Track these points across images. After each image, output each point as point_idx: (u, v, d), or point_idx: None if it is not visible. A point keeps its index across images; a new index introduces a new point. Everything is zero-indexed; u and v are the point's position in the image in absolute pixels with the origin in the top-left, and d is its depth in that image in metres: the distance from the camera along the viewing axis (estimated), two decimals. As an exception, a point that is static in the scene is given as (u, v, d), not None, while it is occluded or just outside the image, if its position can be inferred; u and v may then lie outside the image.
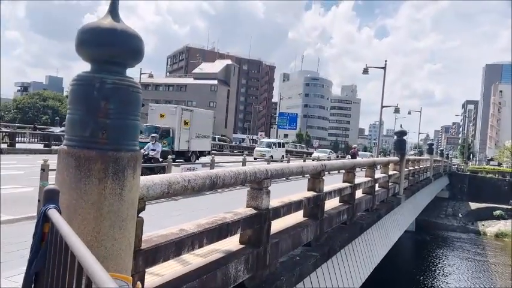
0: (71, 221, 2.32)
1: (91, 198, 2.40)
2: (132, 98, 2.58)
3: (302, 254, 5.83)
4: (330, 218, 7.00)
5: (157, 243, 2.99)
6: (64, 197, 2.37)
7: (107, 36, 2.47)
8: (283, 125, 75.24)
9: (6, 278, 4.44)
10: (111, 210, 2.43)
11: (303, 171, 5.91)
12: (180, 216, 7.59)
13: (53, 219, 1.91)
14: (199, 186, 3.48)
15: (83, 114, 2.47)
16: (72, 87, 2.54)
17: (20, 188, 10.22)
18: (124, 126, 2.53)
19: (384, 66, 31.91)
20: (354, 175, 8.53)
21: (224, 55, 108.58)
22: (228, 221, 3.92)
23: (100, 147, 2.45)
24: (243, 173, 4.13)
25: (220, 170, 3.88)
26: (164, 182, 3.06)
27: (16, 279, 4.28)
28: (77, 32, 2.52)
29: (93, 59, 2.55)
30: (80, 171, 2.42)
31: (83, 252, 1.42)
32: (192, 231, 3.39)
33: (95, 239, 2.41)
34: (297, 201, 5.55)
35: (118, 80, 2.49)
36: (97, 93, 2.45)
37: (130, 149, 2.57)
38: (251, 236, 4.49)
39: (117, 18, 2.55)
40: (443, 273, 24.50)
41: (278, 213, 4.96)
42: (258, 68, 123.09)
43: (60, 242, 1.75)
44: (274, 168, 4.76)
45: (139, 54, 2.62)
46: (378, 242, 11.03)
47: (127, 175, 2.52)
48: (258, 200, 4.51)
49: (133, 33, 2.55)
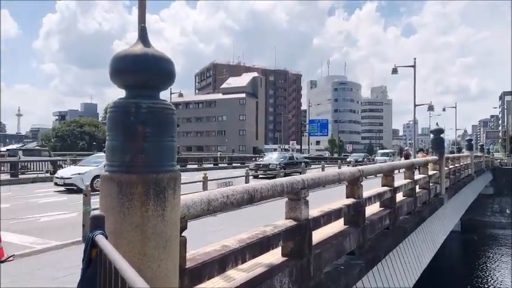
0: (117, 245, 2.37)
1: (135, 221, 2.45)
2: (168, 120, 2.63)
3: (346, 263, 5.71)
4: (371, 224, 6.84)
5: (201, 261, 3.00)
6: (109, 221, 2.43)
7: (139, 62, 2.54)
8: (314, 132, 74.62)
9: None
10: (154, 231, 2.46)
11: (340, 178, 5.82)
12: (221, 232, 7.63)
13: (100, 245, 1.95)
14: (237, 201, 3.49)
15: (121, 139, 2.53)
16: (110, 114, 2.62)
17: (65, 214, 10.58)
18: (161, 148, 2.58)
19: (414, 65, 31.26)
20: (393, 178, 8.33)
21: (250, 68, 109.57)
22: (268, 234, 3.90)
23: (140, 170, 2.50)
24: (279, 185, 4.10)
25: (257, 183, 3.87)
26: (203, 199, 3.09)
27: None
28: (110, 60, 2.61)
29: (128, 85, 2.62)
30: (123, 195, 2.47)
31: (132, 277, 1.45)
32: (234, 247, 3.38)
33: (141, 261, 2.44)
34: (337, 209, 5.46)
35: (153, 104, 2.55)
36: (133, 118, 2.51)
37: (169, 169, 2.61)
38: (293, 248, 4.44)
39: (148, 44, 2.62)
40: (497, 274, 23.37)
41: (318, 223, 4.90)
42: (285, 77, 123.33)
43: (109, 267, 1.79)
44: (310, 178, 4.71)
45: (171, 77, 2.67)
46: (423, 245, 10.68)
47: (168, 196, 2.55)
48: (297, 211, 4.47)
49: (164, 57, 2.61)
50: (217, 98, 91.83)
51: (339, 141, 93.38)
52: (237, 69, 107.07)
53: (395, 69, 32.52)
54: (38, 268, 5.58)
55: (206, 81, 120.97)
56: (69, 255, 6.23)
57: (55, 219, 10.00)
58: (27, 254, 6.37)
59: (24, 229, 8.53)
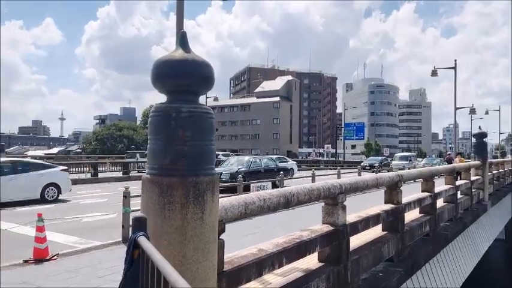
0: (158, 246, 2.41)
1: (175, 223, 2.49)
2: (207, 124, 2.67)
3: (385, 269, 5.57)
4: (411, 231, 6.65)
5: (239, 265, 3.02)
6: (150, 223, 2.48)
7: (179, 67, 2.59)
8: (349, 136, 73.55)
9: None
10: (194, 234, 2.50)
11: (378, 183, 5.70)
12: (256, 235, 7.64)
13: (143, 246, 2.00)
14: (274, 205, 3.49)
15: (162, 143, 2.59)
16: (151, 119, 2.68)
17: (105, 215, 10.92)
18: (201, 151, 2.61)
19: (454, 66, 30.21)
20: (433, 184, 8.07)
21: (284, 71, 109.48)
22: (305, 239, 3.87)
23: (180, 173, 2.54)
24: (316, 189, 4.07)
25: (294, 187, 3.86)
26: (241, 203, 3.10)
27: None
28: (152, 66, 2.68)
29: (168, 90, 2.68)
30: (163, 197, 2.52)
31: (176, 278, 1.47)
32: (271, 251, 3.38)
33: (181, 263, 2.48)
34: (375, 215, 5.35)
35: (193, 108, 2.59)
36: (174, 122, 2.56)
37: (208, 173, 2.64)
38: (330, 254, 4.39)
39: (188, 49, 2.67)
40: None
41: (356, 229, 4.81)
42: (320, 80, 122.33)
43: (151, 268, 1.83)
44: (348, 183, 4.64)
45: (210, 81, 2.71)
46: (465, 254, 10.27)
47: (207, 199, 2.58)
48: (334, 216, 4.41)
49: (203, 62, 2.65)
50: (252, 101, 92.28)
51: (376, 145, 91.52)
52: (272, 73, 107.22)
53: (434, 71, 31.53)
54: (80, 267, 5.78)
55: (241, 85, 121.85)
56: (109, 255, 6.42)
57: (96, 220, 10.35)
58: (70, 253, 6.61)
59: (67, 229, 8.87)
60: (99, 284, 5.05)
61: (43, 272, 5.57)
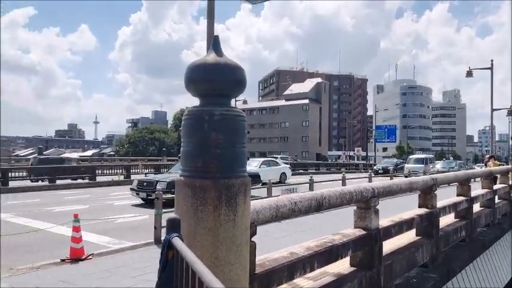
0: (191, 248, 2.44)
1: (207, 225, 2.52)
2: (239, 127, 2.69)
3: (419, 275, 5.43)
4: (446, 236, 6.46)
5: (270, 268, 3.01)
6: (184, 224, 2.51)
7: (212, 71, 2.62)
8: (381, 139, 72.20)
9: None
10: (226, 236, 2.52)
11: (412, 187, 5.57)
12: (286, 238, 7.62)
13: (177, 247, 2.03)
14: (305, 208, 3.47)
15: (195, 146, 2.63)
16: (184, 122, 2.73)
17: (137, 216, 11.16)
18: (233, 154, 2.64)
19: (491, 67, 29.22)
20: (469, 188, 7.82)
21: (313, 74, 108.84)
22: (337, 244, 3.83)
23: (213, 175, 2.57)
24: (348, 193, 4.02)
25: (325, 190, 3.82)
26: (272, 205, 3.10)
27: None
28: (185, 70, 2.72)
29: (201, 94, 2.72)
30: (196, 199, 2.55)
31: (211, 279, 1.49)
32: (302, 255, 3.36)
33: (214, 264, 2.50)
34: (408, 219, 5.24)
35: (225, 111, 2.62)
36: (207, 125, 2.59)
37: (240, 175, 2.66)
38: (362, 258, 4.32)
39: (220, 53, 2.70)
40: None
41: (389, 233, 4.72)
42: (350, 82, 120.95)
43: (186, 269, 1.85)
44: (381, 186, 4.56)
45: (242, 84, 2.73)
46: (503, 261, 9.87)
47: (239, 201, 2.60)
48: (367, 220, 4.34)
49: (236, 66, 2.67)
50: (280, 104, 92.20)
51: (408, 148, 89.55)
52: (300, 75, 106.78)
53: (470, 72, 30.59)
54: (115, 267, 5.92)
55: (269, 88, 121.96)
56: (142, 256, 6.55)
57: (129, 221, 10.58)
58: (104, 253, 6.79)
59: (101, 230, 9.11)
60: (133, 283, 5.16)
61: (79, 271, 5.74)
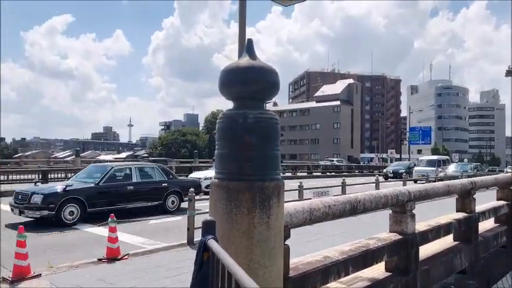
0: (226, 250, 2.46)
1: (242, 228, 2.53)
2: (272, 129, 2.69)
3: (457, 282, 5.27)
4: (485, 242, 6.23)
5: (304, 271, 3.00)
6: (218, 226, 2.53)
7: (245, 74, 2.64)
8: (415, 140, 70.38)
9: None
10: (260, 238, 2.52)
11: (450, 191, 5.41)
12: (318, 241, 7.54)
13: (213, 249, 2.05)
14: (339, 212, 3.43)
15: (229, 148, 2.65)
16: (218, 125, 2.76)
17: (170, 218, 11.35)
18: (267, 157, 2.64)
19: (532, 65, 27.96)
20: (511, 191, 7.51)
21: (345, 75, 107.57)
22: (372, 248, 3.76)
23: (247, 178, 2.59)
24: (383, 196, 3.94)
25: (360, 194, 3.77)
26: (306, 209, 3.09)
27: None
28: (219, 74, 2.75)
29: (235, 97, 2.74)
30: (231, 202, 2.58)
31: (247, 282, 1.49)
32: (336, 259, 3.32)
33: (248, 267, 2.51)
34: (446, 224, 5.08)
35: (259, 114, 2.63)
36: (241, 129, 2.61)
37: (274, 178, 2.66)
38: (398, 263, 4.23)
39: (254, 56, 2.72)
40: None
41: (426, 238, 4.60)
42: (382, 83, 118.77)
43: (221, 271, 1.87)
44: (417, 190, 4.45)
45: (276, 87, 2.74)
46: (549, 269, 9.41)
47: (272, 204, 2.60)
48: (402, 224, 4.25)
49: (269, 69, 2.68)
50: (311, 106, 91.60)
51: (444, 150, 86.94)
52: (331, 77, 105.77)
53: (510, 71, 29.42)
54: (149, 267, 6.04)
55: (300, 89, 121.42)
56: (176, 257, 6.65)
57: (162, 222, 10.77)
58: (139, 253, 6.93)
59: (136, 230, 9.32)
60: (168, 284, 5.25)
61: (115, 270, 5.89)
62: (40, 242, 7.57)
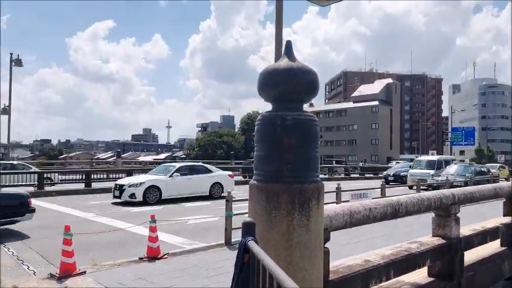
0: (265, 251, 2.47)
1: (281, 230, 2.52)
2: (311, 131, 2.67)
3: (505, 290, 5.03)
4: (536, 248, 5.90)
5: (344, 275, 2.95)
6: (257, 228, 2.55)
7: (284, 76, 2.64)
8: (457, 141, 67.86)
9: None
10: (300, 241, 2.51)
11: (497, 194, 5.17)
12: (356, 245, 7.42)
13: (253, 251, 2.06)
14: (380, 215, 3.36)
15: (268, 150, 2.66)
16: (257, 127, 2.77)
17: (208, 218, 11.50)
18: (306, 158, 2.62)
19: None
20: None
21: (383, 74, 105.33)
22: (414, 252, 3.66)
23: (286, 180, 2.58)
24: (426, 199, 3.83)
25: (402, 196, 3.67)
26: (346, 211, 3.04)
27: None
28: (258, 75, 2.76)
29: (274, 99, 2.74)
30: (269, 204, 2.58)
31: (289, 283, 1.48)
32: (377, 263, 3.26)
33: (287, 269, 2.50)
34: (492, 228, 4.87)
35: (297, 116, 2.62)
36: (279, 130, 2.61)
37: (313, 180, 2.64)
38: (441, 268, 4.09)
39: (293, 58, 2.71)
40: None
41: (471, 243, 4.43)
42: (423, 82, 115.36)
43: (262, 272, 1.87)
44: (462, 192, 4.29)
45: (315, 89, 2.72)
46: None
47: (312, 206, 2.58)
48: (446, 228, 4.11)
49: (308, 70, 2.66)
50: (348, 106, 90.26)
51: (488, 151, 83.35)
52: (369, 76, 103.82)
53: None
54: (188, 266, 6.15)
55: (336, 90, 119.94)
56: (214, 257, 6.73)
57: (200, 222, 10.94)
58: (178, 252, 7.06)
59: (175, 230, 9.51)
60: (206, 284, 5.32)
61: (156, 269, 6.02)
62: (85, 240, 7.87)
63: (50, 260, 6.95)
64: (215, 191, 16.91)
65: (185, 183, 15.96)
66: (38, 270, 6.33)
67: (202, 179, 16.66)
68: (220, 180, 17.26)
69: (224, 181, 17.37)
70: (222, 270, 5.80)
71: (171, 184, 15.57)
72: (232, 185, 17.51)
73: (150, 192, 14.94)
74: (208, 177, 16.92)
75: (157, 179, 15.54)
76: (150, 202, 14.71)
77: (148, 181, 15.21)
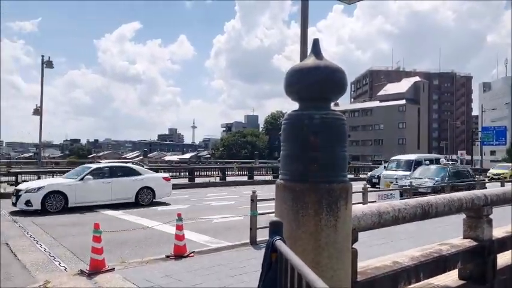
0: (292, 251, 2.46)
1: (308, 230, 2.50)
2: (339, 130, 2.64)
3: (541, 295, 4.84)
4: None
5: (372, 276, 2.91)
6: (284, 228, 2.54)
7: (311, 74, 2.61)
8: (488, 141, 65.97)
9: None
10: (328, 241, 2.48)
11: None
12: (383, 246, 7.30)
13: (281, 250, 2.05)
14: (410, 216, 3.29)
15: (295, 150, 2.64)
16: (284, 126, 2.75)
17: (233, 217, 11.55)
18: (333, 158, 2.59)
19: None
20: None
21: (410, 73, 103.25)
22: (444, 254, 3.57)
23: (313, 180, 2.55)
24: (457, 200, 3.73)
25: (432, 197, 3.59)
26: (374, 212, 3.00)
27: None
28: (285, 74, 2.75)
29: (301, 98, 2.72)
30: (296, 203, 2.56)
31: (318, 283, 1.47)
32: (406, 264, 3.19)
33: (315, 269, 2.46)
34: (528, 231, 4.69)
35: (325, 115, 2.59)
36: (306, 129, 2.58)
37: (341, 180, 2.60)
38: (473, 271, 3.98)
39: (320, 56, 2.68)
40: None
41: (504, 246, 4.29)
42: (452, 80, 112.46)
43: (291, 272, 1.86)
44: (494, 193, 4.15)
45: (343, 87, 2.68)
46: None
47: (340, 206, 2.55)
48: (478, 230, 3.99)
49: (336, 68, 2.63)
50: (374, 105, 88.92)
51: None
52: (396, 75, 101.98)
53: None
54: (214, 265, 6.19)
55: (362, 89, 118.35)
56: (239, 256, 6.76)
57: (225, 221, 11.00)
58: (204, 251, 7.13)
59: (201, 229, 9.60)
60: (232, 282, 5.34)
61: (182, 267, 6.10)
62: (113, 238, 8.04)
63: (79, 257, 7.14)
64: (144, 197, 14.17)
65: (102, 188, 13.28)
66: (68, 267, 6.51)
67: (126, 183, 13.84)
68: (151, 184, 14.45)
69: (156, 185, 14.62)
70: (246, 270, 5.82)
71: (81, 189, 12.84)
72: (167, 189, 15.08)
73: (52, 199, 12.30)
74: (134, 180, 14.04)
75: (62, 183, 12.92)
76: (52, 211, 12.16)
77: (50, 185, 12.56)
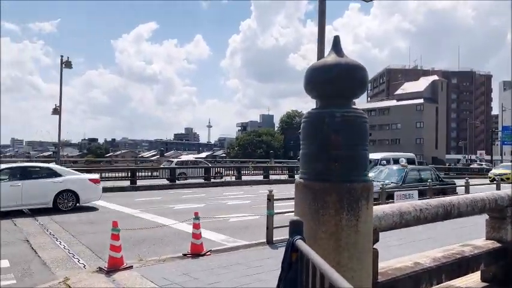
0: (312, 251, 2.43)
1: (329, 230, 2.47)
2: (360, 128, 2.60)
3: None
4: None
5: (394, 277, 2.86)
6: (304, 227, 2.51)
7: (332, 72, 2.58)
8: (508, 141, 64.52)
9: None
10: (349, 241, 2.45)
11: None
12: (403, 246, 7.20)
13: (302, 250, 2.02)
14: (432, 216, 3.23)
15: (315, 148, 2.61)
16: (303, 125, 2.72)
17: (249, 216, 11.55)
18: (355, 157, 2.56)
19: None
20: None
21: (428, 71, 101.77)
22: (467, 256, 3.49)
23: (333, 179, 2.52)
24: (480, 200, 3.64)
25: (454, 197, 3.51)
26: (395, 212, 2.94)
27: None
28: (305, 72, 2.72)
29: (321, 95, 2.69)
30: (317, 202, 2.53)
31: (342, 282, 1.44)
32: (428, 265, 3.13)
33: (336, 269, 2.44)
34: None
35: (346, 113, 2.55)
36: (327, 128, 2.55)
37: (362, 179, 2.57)
38: (496, 273, 3.88)
39: (341, 53, 2.65)
40: None
41: (529, 248, 4.16)
42: (471, 79, 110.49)
43: (312, 271, 1.83)
44: (519, 194, 4.04)
45: (364, 84, 2.64)
46: None
47: (361, 206, 2.51)
48: (502, 231, 3.90)
49: (357, 66, 2.59)
50: (391, 104, 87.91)
51: (543, 151, 78.46)
52: (413, 74, 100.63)
53: None
54: (231, 264, 6.19)
55: (379, 87, 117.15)
56: (256, 255, 6.74)
57: (241, 220, 11.01)
58: (221, 250, 7.14)
59: (217, 227, 9.62)
60: (248, 281, 5.33)
61: (199, 265, 6.11)
62: (132, 236, 8.12)
63: (98, 254, 7.23)
64: (64, 201, 12.39)
65: (9, 192, 11.46)
66: (87, 264, 6.59)
67: (41, 185, 12.10)
68: (73, 187, 12.63)
69: (80, 188, 12.77)
70: (263, 269, 5.81)
71: None
72: (95, 193, 13.31)
73: None
74: (51, 182, 12.23)
75: None
76: None
77: None
